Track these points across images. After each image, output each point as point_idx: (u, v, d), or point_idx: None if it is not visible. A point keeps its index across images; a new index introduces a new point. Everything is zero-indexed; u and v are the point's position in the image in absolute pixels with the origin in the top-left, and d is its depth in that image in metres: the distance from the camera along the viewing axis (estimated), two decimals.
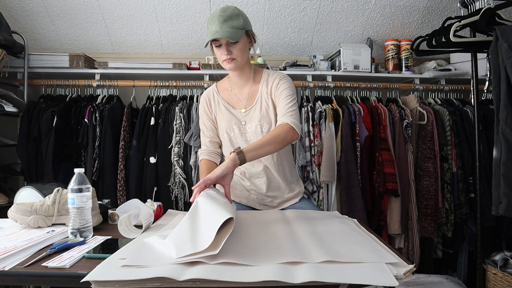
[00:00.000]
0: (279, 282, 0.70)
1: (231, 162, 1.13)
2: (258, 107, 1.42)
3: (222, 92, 1.49)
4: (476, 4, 1.86)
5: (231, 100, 1.47)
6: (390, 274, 0.73)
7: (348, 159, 2.18)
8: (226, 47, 1.31)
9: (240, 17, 1.31)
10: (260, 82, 1.45)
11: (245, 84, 1.46)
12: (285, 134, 1.27)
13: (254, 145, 1.20)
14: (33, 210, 1.14)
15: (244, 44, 1.34)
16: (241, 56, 1.34)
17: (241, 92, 1.46)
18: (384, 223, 2.20)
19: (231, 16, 1.29)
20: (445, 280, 2.04)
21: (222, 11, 1.30)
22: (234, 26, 1.29)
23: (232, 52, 1.32)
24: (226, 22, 1.28)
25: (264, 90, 1.43)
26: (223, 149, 1.52)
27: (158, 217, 1.31)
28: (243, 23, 1.31)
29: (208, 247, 0.79)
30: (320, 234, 1.00)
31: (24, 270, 0.82)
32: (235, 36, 1.28)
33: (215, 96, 1.49)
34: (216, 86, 1.52)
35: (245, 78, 1.45)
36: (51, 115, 2.16)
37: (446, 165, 2.27)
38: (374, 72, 2.48)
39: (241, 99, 1.45)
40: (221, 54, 1.34)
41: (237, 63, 1.35)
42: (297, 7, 2.50)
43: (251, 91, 1.45)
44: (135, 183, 2.16)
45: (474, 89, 1.96)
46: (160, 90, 2.43)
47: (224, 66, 1.37)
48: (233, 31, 1.28)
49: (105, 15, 2.47)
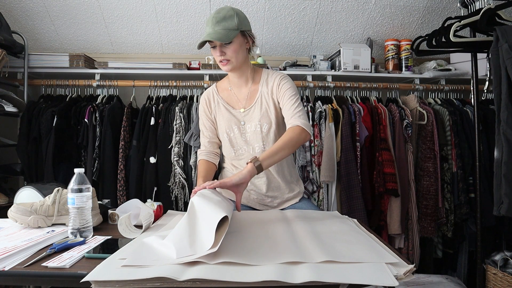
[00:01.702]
0: (279, 282, 0.70)
1: (248, 173, 1.14)
2: (258, 106, 1.42)
3: (222, 92, 1.49)
4: (476, 4, 1.86)
5: (230, 100, 1.47)
6: (390, 274, 0.73)
7: (348, 159, 2.18)
8: (219, 48, 1.32)
9: (234, 18, 1.30)
10: (260, 82, 1.45)
11: (244, 84, 1.46)
12: (298, 137, 1.27)
13: (269, 152, 1.20)
14: (33, 210, 1.14)
15: (239, 45, 1.33)
16: (236, 57, 1.34)
17: (240, 92, 1.46)
18: (384, 223, 2.20)
19: (224, 18, 1.29)
20: (445, 280, 2.04)
21: (216, 12, 1.30)
22: (227, 27, 1.29)
23: (226, 53, 1.32)
24: (219, 24, 1.28)
25: (265, 90, 1.42)
26: (223, 150, 1.52)
27: (158, 217, 1.31)
28: (237, 24, 1.30)
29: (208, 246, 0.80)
30: (320, 234, 1.00)
31: (24, 270, 0.81)
32: (225, 38, 1.28)
33: (215, 96, 1.49)
34: (216, 87, 1.52)
35: (244, 78, 1.45)
36: (51, 115, 2.16)
37: (446, 165, 2.27)
38: (374, 72, 2.48)
39: (240, 99, 1.45)
40: (216, 56, 1.35)
41: (231, 64, 1.35)
42: (297, 7, 2.50)
43: (251, 91, 1.45)
44: (135, 183, 2.16)
45: (474, 89, 1.96)
46: (160, 90, 2.43)
47: (221, 68, 1.38)
48: (225, 32, 1.28)
49: (105, 15, 2.47)
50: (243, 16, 1.35)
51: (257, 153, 1.40)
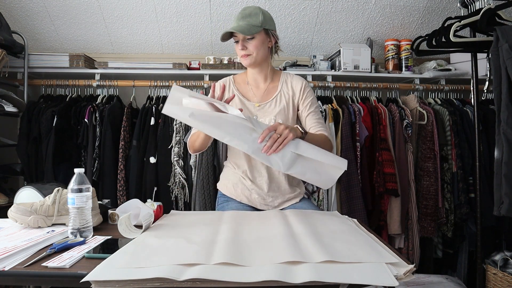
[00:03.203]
0: (279, 282, 0.70)
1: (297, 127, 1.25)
2: (275, 103, 1.47)
3: (238, 85, 1.54)
4: (476, 4, 1.86)
5: (246, 93, 1.51)
6: (390, 274, 0.73)
7: (348, 159, 2.13)
8: (242, 42, 1.39)
9: (259, 15, 1.37)
10: (279, 81, 1.51)
11: (262, 81, 1.51)
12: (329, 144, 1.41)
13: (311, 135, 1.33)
14: (33, 210, 1.13)
15: (261, 41, 1.40)
16: (256, 53, 1.40)
17: (258, 87, 1.52)
18: (384, 223, 2.19)
19: (249, 14, 1.36)
20: (445, 280, 2.04)
21: (243, 10, 1.38)
22: (251, 23, 1.35)
23: (247, 48, 1.39)
24: (243, 19, 1.36)
25: (285, 90, 1.49)
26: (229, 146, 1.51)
27: (158, 217, 1.30)
28: (261, 21, 1.37)
29: None
30: (320, 234, 1.00)
31: (24, 270, 0.81)
32: (247, 31, 1.34)
33: (231, 86, 1.52)
34: (233, 78, 1.56)
35: (263, 75, 1.50)
36: (51, 115, 2.16)
37: (446, 165, 2.27)
38: (374, 72, 2.48)
39: (256, 94, 1.50)
40: (238, 49, 1.42)
41: (251, 59, 1.41)
42: (297, 7, 2.50)
43: (269, 88, 1.50)
44: (135, 183, 2.16)
45: (474, 89, 1.96)
46: (160, 90, 2.43)
47: (242, 62, 1.44)
48: (248, 26, 1.35)
49: (105, 15, 2.47)
50: (269, 16, 1.42)
51: None
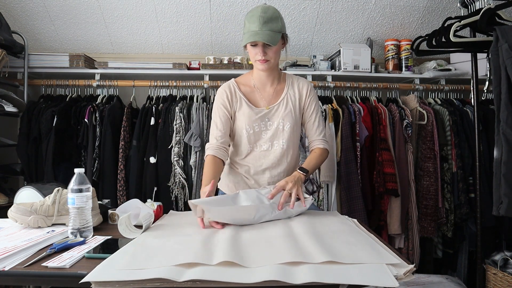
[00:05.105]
0: (279, 282, 0.70)
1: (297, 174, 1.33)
2: (283, 105, 1.45)
3: (243, 88, 1.48)
4: (476, 4, 1.86)
5: (252, 97, 1.46)
6: (390, 274, 0.73)
7: (348, 159, 2.18)
8: (262, 48, 1.33)
9: (279, 20, 1.34)
10: (286, 83, 1.49)
11: (270, 83, 1.48)
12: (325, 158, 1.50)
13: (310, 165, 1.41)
14: (33, 210, 1.14)
15: (280, 46, 1.38)
16: (275, 58, 1.38)
17: (265, 90, 1.47)
18: (384, 223, 2.19)
19: (271, 18, 1.32)
20: (445, 280, 2.04)
21: (263, 11, 1.31)
22: (274, 29, 1.31)
23: (267, 54, 1.35)
24: (266, 24, 1.30)
25: (291, 92, 1.47)
26: (239, 146, 1.48)
27: (158, 217, 1.31)
28: (281, 27, 1.34)
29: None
30: (320, 234, 1.00)
31: (24, 270, 0.81)
32: (274, 41, 1.31)
33: (237, 92, 1.46)
34: (236, 82, 1.50)
35: (272, 78, 1.47)
36: (51, 115, 2.16)
37: (446, 165, 2.27)
38: (374, 72, 2.48)
39: (265, 97, 1.46)
40: (256, 54, 1.36)
41: (269, 64, 1.38)
42: (297, 7, 2.49)
43: (276, 90, 1.47)
44: (135, 183, 2.16)
45: (474, 89, 1.96)
46: (160, 90, 2.43)
47: (257, 66, 1.39)
48: (272, 34, 1.31)
49: (105, 15, 2.47)
50: (283, 18, 1.40)
51: (275, 149, 1.44)
